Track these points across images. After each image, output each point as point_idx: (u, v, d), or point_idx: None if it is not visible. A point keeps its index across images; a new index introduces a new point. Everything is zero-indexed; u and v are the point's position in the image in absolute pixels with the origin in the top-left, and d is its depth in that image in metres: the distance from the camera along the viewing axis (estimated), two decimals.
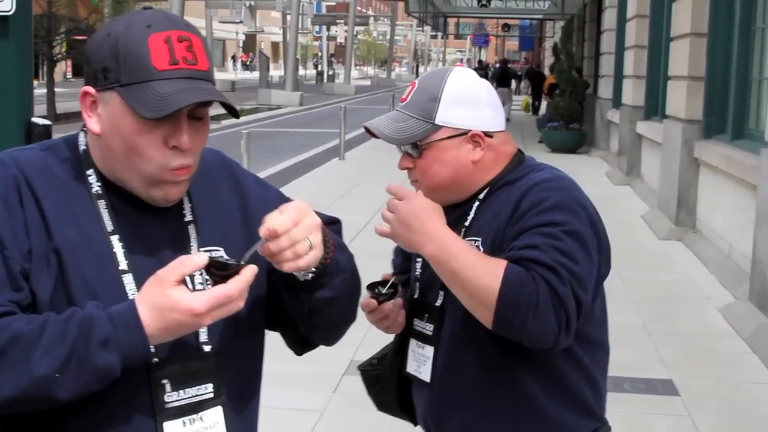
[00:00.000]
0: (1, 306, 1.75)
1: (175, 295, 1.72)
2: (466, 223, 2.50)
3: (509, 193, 2.46)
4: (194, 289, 1.80)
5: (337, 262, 1.97)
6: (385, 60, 78.87)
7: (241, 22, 68.09)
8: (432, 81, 2.54)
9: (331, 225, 2.13)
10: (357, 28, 69.14)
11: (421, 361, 2.60)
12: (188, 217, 1.97)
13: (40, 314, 1.77)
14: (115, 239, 1.87)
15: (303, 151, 21.70)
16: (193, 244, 1.95)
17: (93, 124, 1.89)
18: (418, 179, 2.55)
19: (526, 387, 2.46)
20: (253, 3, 66.26)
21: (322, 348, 2.21)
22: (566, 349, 2.40)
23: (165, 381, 1.85)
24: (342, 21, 70.76)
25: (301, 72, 65.21)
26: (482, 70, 36.02)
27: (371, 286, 2.54)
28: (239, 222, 2.04)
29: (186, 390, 1.87)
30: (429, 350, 2.57)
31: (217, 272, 1.76)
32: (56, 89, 28.28)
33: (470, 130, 2.48)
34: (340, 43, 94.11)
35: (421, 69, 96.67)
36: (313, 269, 1.91)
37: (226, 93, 35.61)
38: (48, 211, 1.85)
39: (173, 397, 1.86)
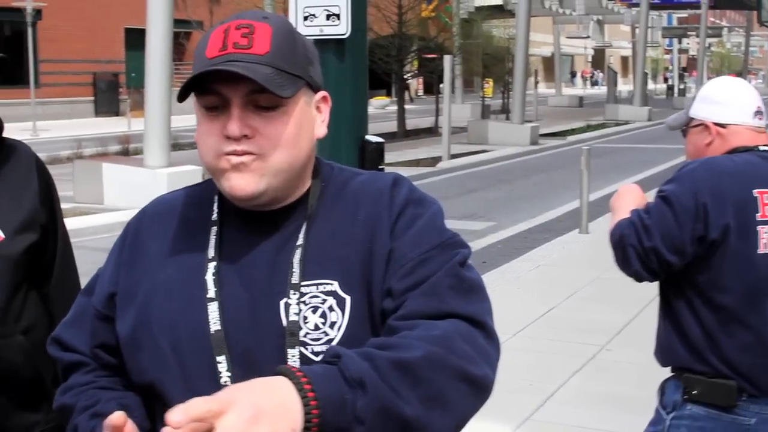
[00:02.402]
0: (78, 353, 1.91)
1: None
2: None
3: None
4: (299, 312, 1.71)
5: (346, 417, 1.50)
6: (740, 72, 75.83)
7: (589, 36, 67.76)
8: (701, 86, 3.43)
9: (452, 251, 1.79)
10: (709, 39, 66.93)
11: None
12: (300, 241, 1.78)
13: (115, 361, 1.88)
14: (212, 266, 1.80)
15: (647, 167, 21.25)
16: (296, 270, 1.75)
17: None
18: None
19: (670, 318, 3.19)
20: (601, 18, 65.76)
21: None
22: (677, 304, 3.13)
23: None
24: (693, 33, 68.78)
25: (651, 86, 63.83)
26: None
27: None
28: (367, 254, 1.77)
29: None
30: None
31: None
32: (406, 106, 29.26)
33: (703, 121, 3.25)
34: (692, 55, 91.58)
35: None
36: None
37: (573, 108, 35.31)
38: (152, 253, 1.86)
39: None
